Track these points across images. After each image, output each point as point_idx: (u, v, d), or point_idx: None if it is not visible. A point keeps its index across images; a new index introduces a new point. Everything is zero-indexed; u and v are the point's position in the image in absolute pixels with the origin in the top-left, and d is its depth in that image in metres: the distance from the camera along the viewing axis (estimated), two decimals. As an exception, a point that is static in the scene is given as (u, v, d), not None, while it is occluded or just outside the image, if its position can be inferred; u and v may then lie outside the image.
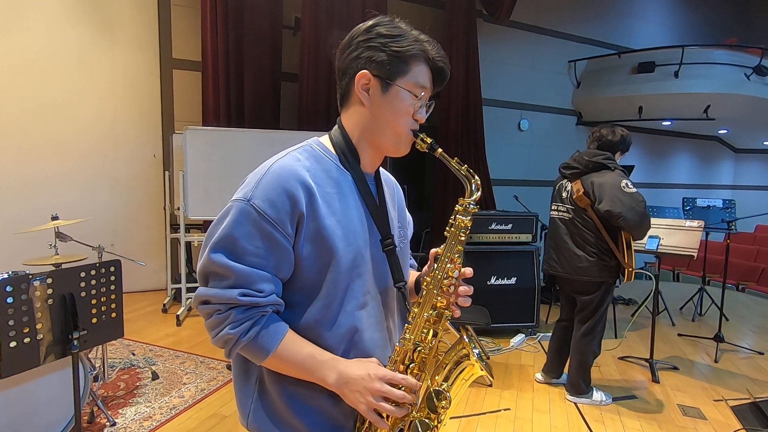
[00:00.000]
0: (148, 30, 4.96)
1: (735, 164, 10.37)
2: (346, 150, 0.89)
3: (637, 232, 2.50)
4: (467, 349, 0.85)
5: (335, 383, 0.81)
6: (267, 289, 0.80)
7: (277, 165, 0.83)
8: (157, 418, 2.49)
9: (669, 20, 8.83)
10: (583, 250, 2.63)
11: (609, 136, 2.68)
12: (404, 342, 0.86)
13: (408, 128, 0.88)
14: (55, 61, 4.50)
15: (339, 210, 0.85)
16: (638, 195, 2.48)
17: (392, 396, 0.80)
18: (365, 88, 0.86)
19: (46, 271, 1.75)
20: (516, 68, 6.96)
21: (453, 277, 0.86)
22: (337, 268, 0.83)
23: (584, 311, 2.73)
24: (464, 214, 0.88)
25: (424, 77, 0.87)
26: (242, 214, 0.79)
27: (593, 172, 2.61)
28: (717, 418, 2.67)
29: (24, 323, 1.67)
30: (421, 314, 0.86)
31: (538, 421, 2.60)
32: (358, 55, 0.85)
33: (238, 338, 0.79)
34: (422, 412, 0.85)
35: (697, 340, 3.98)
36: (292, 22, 5.50)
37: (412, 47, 0.85)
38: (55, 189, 4.55)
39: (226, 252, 0.79)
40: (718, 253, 6.09)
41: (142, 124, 5.00)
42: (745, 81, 6.88)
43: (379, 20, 0.87)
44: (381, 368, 0.83)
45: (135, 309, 4.44)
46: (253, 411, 0.89)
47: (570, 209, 2.70)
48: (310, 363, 0.81)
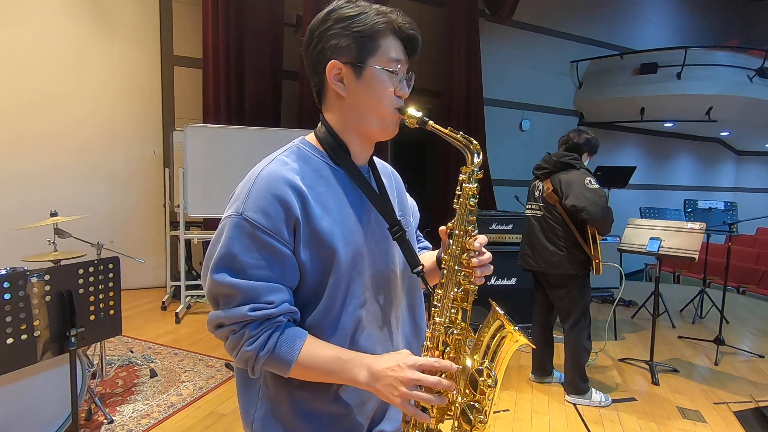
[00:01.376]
0: (149, 26, 4.95)
1: (736, 166, 10.36)
2: (334, 145, 0.86)
3: (600, 225, 2.63)
4: (501, 319, 0.81)
5: (366, 380, 0.77)
6: (276, 300, 0.77)
7: (265, 172, 0.80)
8: (155, 416, 2.48)
9: (672, 22, 8.82)
10: (554, 244, 2.76)
11: (575, 139, 2.87)
12: (434, 326, 0.82)
13: (392, 108, 0.84)
14: (53, 55, 4.48)
15: (334, 209, 0.82)
16: (600, 191, 2.65)
17: (427, 383, 0.74)
18: (338, 78, 0.82)
19: (45, 268, 1.74)
20: (518, 68, 6.95)
21: (471, 249, 0.83)
22: (338, 268, 0.81)
23: (562, 305, 2.83)
24: (469, 181, 0.85)
25: (397, 49, 0.82)
26: (237, 229, 0.77)
27: (560, 171, 2.77)
28: (717, 421, 2.66)
29: (21, 320, 1.66)
30: (447, 294, 0.82)
31: (537, 423, 2.59)
32: (323, 47, 0.81)
33: (257, 354, 0.76)
34: (468, 396, 0.79)
35: (697, 342, 3.97)
36: (294, 19, 5.49)
37: (375, 22, 0.80)
38: (54, 185, 4.54)
39: (228, 270, 0.76)
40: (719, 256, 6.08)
41: (143, 120, 4.99)
42: (748, 83, 6.87)
43: (334, 5, 0.82)
44: (411, 356, 0.78)
45: (134, 306, 4.43)
46: (257, 419, 0.86)
47: (542, 206, 2.85)
48: (336, 365, 0.78)
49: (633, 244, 3.28)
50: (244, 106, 5.07)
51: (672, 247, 3.14)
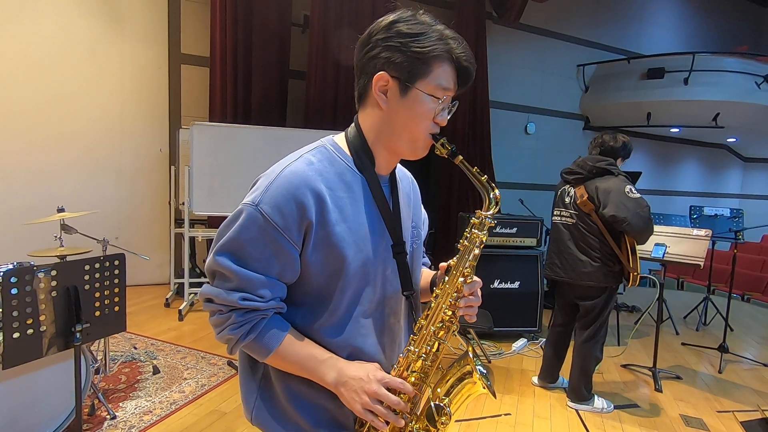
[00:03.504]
0: (158, 24, 4.97)
1: (743, 173, 10.28)
2: (361, 152, 0.87)
3: (641, 236, 2.52)
4: (471, 365, 0.85)
5: (333, 382, 0.81)
6: (267, 295, 0.80)
7: (288, 170, 0.81)
8: (157, 413, 2.49)
9: (680, 27, 8.77)
10: (587, 255, 2.63)
11: (611, 142, 2.70)
12: (408, 353, 0.86)
13: (426, 133, 0.84)
14: (64, 53, 4.52)
15: (350, 215, 0.83)
16: (642, 200, 2.50)
17: (387, 401, 0.79)
18: (383, 90, 0.82)
19: (51, 263, 1.75)
20: (524, 71, 6.93)
21: (463, 292, 0.86)
22: (347, 275, 0.82)
23: (587, 317, 2.72)
24: (480, 228, 0.86)
25: (447, 78, 0.82)
26: (250, 219, 0.79)
27: (597, 178, 2.62)
28: (720, 429, 2.64)
29: (27, 315, 1.67)
30: (428, 327, 0.86)
31: (539, 427, 2.58)
32: (377, 55, 0.81)
33: (238, 339, 0.81)
34: (421, 424, 0.84)
35: (701, 349, 3.94)
36: (301, 19, 5.50)
37: (434, 47, 0.79)
38: (61, 181, 4.57)
39: (232, 255, 0.79)
40: (724, 263, 6.05)
41: (150, 118, 5.02)
42: (756, 89, 6.83)
43: (400, 16, 0.81)
44: (380, 371, 0.82)
45: (137, 302, 4.45)
46: (257, 407, 0.89)
47: (573, 214, 2.70)
48: (310, 363, 0.82)
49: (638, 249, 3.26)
50: (251, 104, 5.09)
51: (677, 253, 3.13)
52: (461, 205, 5.91)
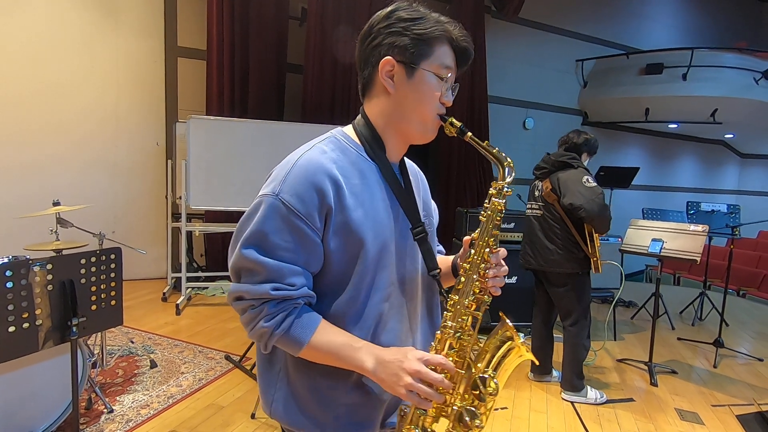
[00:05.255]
0: (154, 16, 4.93)
1: (740, 169, 10.32)
2: (371, 140, 0.88)
3: (598, 223, 2.64)
4: (511, 331, 0.84)
5: (372, 368, 0.80)
6: (298, 283, 0.80)
7: (303, 158, 0.82)
8: (155, 407, 2.49)
9: (679, 22, 8.75)
10: (553, 243, 2.79)
11: (575, 139, 2.89)
12: (445, 329, 0.85)
13: (435, 113, 0.87)
14: (57, 45, 4.47)
15: (366, 201, 0.84)
16: (598, 189, 2.65)
17: (429, 378, 0.77)
18: (389, 74, 0.85)
19: (47, 257, 1.74)
20: (523, 66, 6.91)
21: (490, 262, 0.86)
22: (365, 260, 0.83)
23: (562, 304, 2.85)
24: (498, 196, 0.87)
25: (449, 58, 0.86)
26: (271, 209, 0.79)
27: (559, 171, 2.79)
28: (715, 423, 2.67)
29: (23, 308, 1.66)
30: (461, 301, 0.85)
31: (535, 421, 2.60)
32: (380, 42, 0.85)
33: (273, 331, 0.79)
34: (467, 401, 0.82)
35: (696, 344, 3.97)
36: (299, 12, 5.46)
37: (434, 28, 0.84)
38: (56, 174, 4.55)
39: (257, 247, 0.79)
40: (720, 258, 6.08)
41: (146, 111, 4.98)
42: (754, 85, 6.84)
43: (398, 5, 0.86)
44: (418, 351, 0.81)
45: (134, 297, 4.44)
46: (276, 399, 0.88)
47: (541, 206, 2.88)
48: (346, 351, 0.81)
49: (635, 245, 3.28)
50: (248, 98, 5.06)
51: (674, 248, 3.14)
52: (459, 199, 5.91)
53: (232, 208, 4.28)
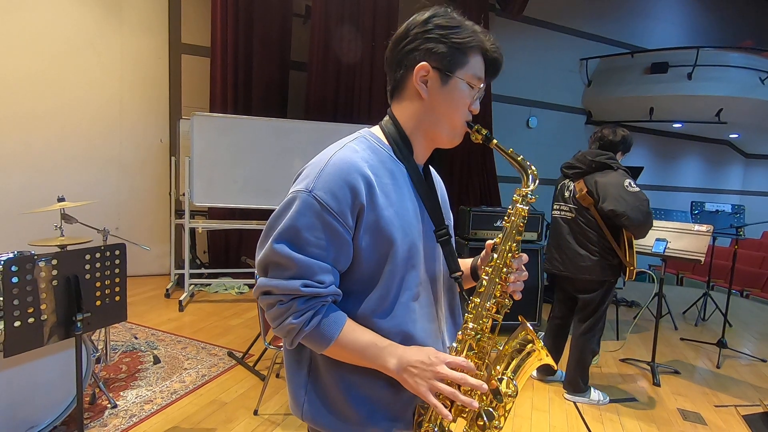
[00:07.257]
0: (158, 13, 4.93)
1: (745, 169, 10.26)
2: (400, 142, 0.90)
3: (640, 231, 2.51)
4: (531, 335, 0.85)
5: (396, 368, 0.80)
6: (327, 280, 0.80)
7: (337, 157, 0.83)
8: (158, 402, 2.51)
9: (684, 21, 8.70)
10: (586, 249, 2.64)
11: (610, 136, 2.68)
12: (466, 331, 0.86)
13: (464, 120, 0.89)
14: (62, 41, 4.48)
15: (396, 201, 0.85)
16: (642, 194, 2.49)
17: (453, 379, 0.79)
18: (424, 80, 0.86)
19: (52, 253, 1.75)
20: (527, 65, 6.88)
21: (512, 266, 0.88)
22: (395, 259, 0.83)
23: (585, 310, 2.74)
24: (522, 203, 0.89)
25: (481, 69, 0.89)
26: (305, 205, 0.79)
27: (596, 172, 2.61)
28: (718, 423, 2.66)
29: (28, 303, 1.67)
30: (483, 304, 0.86)
31: (537, 420, 2.60)
32: (416, 47, 0.86)
33: (301, 328, 0.79)
34: (486, 402, 0.84)
35: (699, 345, 3.96)
36: (303, 10, 5.46)
37: (471, 38, 0.86)
38: (61, 171, 4.56)
39: (289, 243, 0.79)
40: (724, 259, 6.05)
41: (150, 108, 4.99)
42: (760, 85, 6.79)
43: (435, 11, 0.87)
44: (440, 353, 0.82)
45: (138, 293, 4.46)
46: (308, 401, 0.88)
47: (573, 208, 2.70)
48: (371, 350, 0.81)
49: (639, 244, 3.24)
50: (251, 95, 5.06)
51: (678, 248, 3.13)
52: (462, 199, 5.90)
53: (235, 206, 4.29)
